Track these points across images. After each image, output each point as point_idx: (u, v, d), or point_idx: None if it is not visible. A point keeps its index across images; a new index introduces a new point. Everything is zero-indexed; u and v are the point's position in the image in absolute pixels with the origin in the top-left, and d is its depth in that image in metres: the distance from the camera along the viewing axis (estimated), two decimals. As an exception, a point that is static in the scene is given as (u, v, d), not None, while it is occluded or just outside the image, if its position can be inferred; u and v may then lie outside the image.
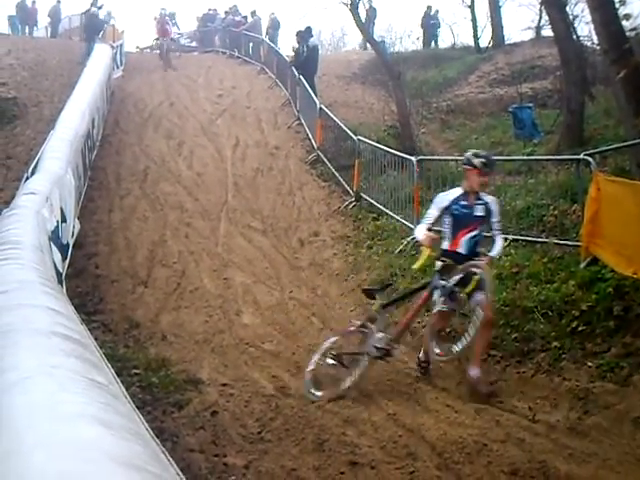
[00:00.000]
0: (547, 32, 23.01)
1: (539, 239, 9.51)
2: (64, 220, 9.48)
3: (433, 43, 29.10)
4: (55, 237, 8.42)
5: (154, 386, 6.93)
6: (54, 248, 7.99)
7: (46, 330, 2.89)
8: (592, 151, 9.55)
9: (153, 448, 2.08)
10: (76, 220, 10.85)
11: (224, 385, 7.22)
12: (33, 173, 10.48)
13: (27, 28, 30.55)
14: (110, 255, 11.02)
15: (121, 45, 24.67)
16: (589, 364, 6.93)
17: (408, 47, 28.68)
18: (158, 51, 26.25)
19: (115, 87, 20.66)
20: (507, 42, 25.64)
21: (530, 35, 25.13)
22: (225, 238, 11.88)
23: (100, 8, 26.44)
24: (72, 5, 28.97)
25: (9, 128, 17.19)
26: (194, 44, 29.20)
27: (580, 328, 7.32)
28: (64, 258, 9.04)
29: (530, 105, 16.78)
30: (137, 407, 2.68)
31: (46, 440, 1.74)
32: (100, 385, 2.37)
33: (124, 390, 2.69)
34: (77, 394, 2.13)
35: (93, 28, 24.42)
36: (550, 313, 7.69)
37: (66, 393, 2.12)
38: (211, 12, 30.88)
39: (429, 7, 28.22)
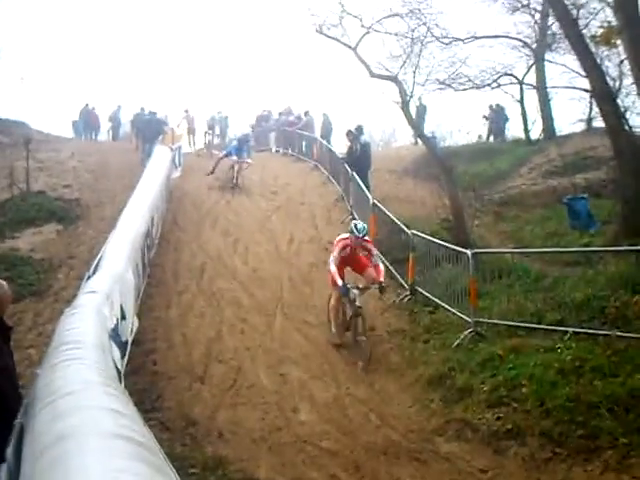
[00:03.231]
0: (598, 123, 23.08)
1: (601, 331, 9.30)
2: (124, 317, 9.64)
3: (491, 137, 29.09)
4: (115, 335, 8.54)
5: (212, 486, 6.87)
6: (114, 346, 8.11)
7: (111, 433, 2.92)
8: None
9: None
10: (135, 317, 11.02)
11: (282, 485, 7.12)
12: (94, 272, 10.73)
13: (92, 132, 32.02)
14: (167, 351, 11.10)
15: (179, 147, 25.54)
16: (659, 462, 6.67)
17: (458, 141, 29.05)
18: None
19: (173, 187, 21.28)
20: (558, 134, 25.73)
21: (581, 127, 25.20)
22: (281, 334, 11.88)
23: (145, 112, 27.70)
24: (131, 109, 30.34)
25: (72, 228, 17.75)
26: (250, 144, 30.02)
27: (648, 424, 7.08)
28: (123, 356, 9.13)
29: (584, 196, 16.71)
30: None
31: None
32: (165, 490, 2.37)
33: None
34: (144, 500, 2.13)
35: (152, 131, 25.34)
36: (616, 408, 7.48)
37: (133, 499, 2.12)
38: (265, 113, 31.87)
39: (497, 104, 28.39)
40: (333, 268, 11.42)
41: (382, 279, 11.52)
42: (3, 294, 5.40)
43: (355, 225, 11.96)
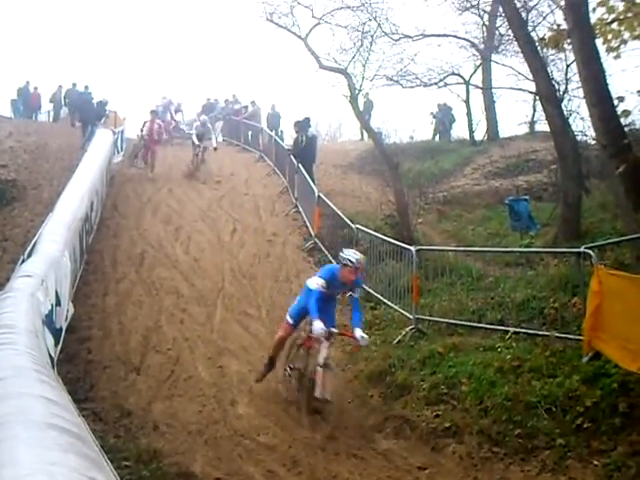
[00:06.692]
0: (540, 127, 23.51)
1: (540, 332, 9.40)
2: (59, 304, 9.34)
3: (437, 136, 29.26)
4: (49, 321, 8.27)
5: (145, 480, 6.67)
6: (47, 332, 7.83)
7: (43, 422, 2.75)
8: (593, 244, 9.55)
9: None
10: (70, 304, 10.70)
11: (218, 480, 6.96)
12: (29, 255, 10.40)
13: (32, 113, 31.11)
14: (103, 340, 10.81)
15: (122, 131, 25.03)
16: (595, 463, 6.75)
17: (403, 139, 29.23)
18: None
19: (115, 172, 20.83)
20: (501, 136, 26.10)
21: (524, 130, 25.62)
22: (221, 325, 11.70)
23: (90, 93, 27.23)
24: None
25: (7, 210, 17.23)
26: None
27: (585, 425, 7.18)
28: (57, 343, 8.84)
29: (526, 197, 16.91)
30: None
31: None
32: (101, 485, 2.22)
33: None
34: (78, 496, 1.98)
35: (94, 114, 24.80)
36: (554, 409, 7.54)
37: (66, 495, 1.97)
38: (211, 101, 31.51)
39: (445, 103, 28.55)
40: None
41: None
42: None
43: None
